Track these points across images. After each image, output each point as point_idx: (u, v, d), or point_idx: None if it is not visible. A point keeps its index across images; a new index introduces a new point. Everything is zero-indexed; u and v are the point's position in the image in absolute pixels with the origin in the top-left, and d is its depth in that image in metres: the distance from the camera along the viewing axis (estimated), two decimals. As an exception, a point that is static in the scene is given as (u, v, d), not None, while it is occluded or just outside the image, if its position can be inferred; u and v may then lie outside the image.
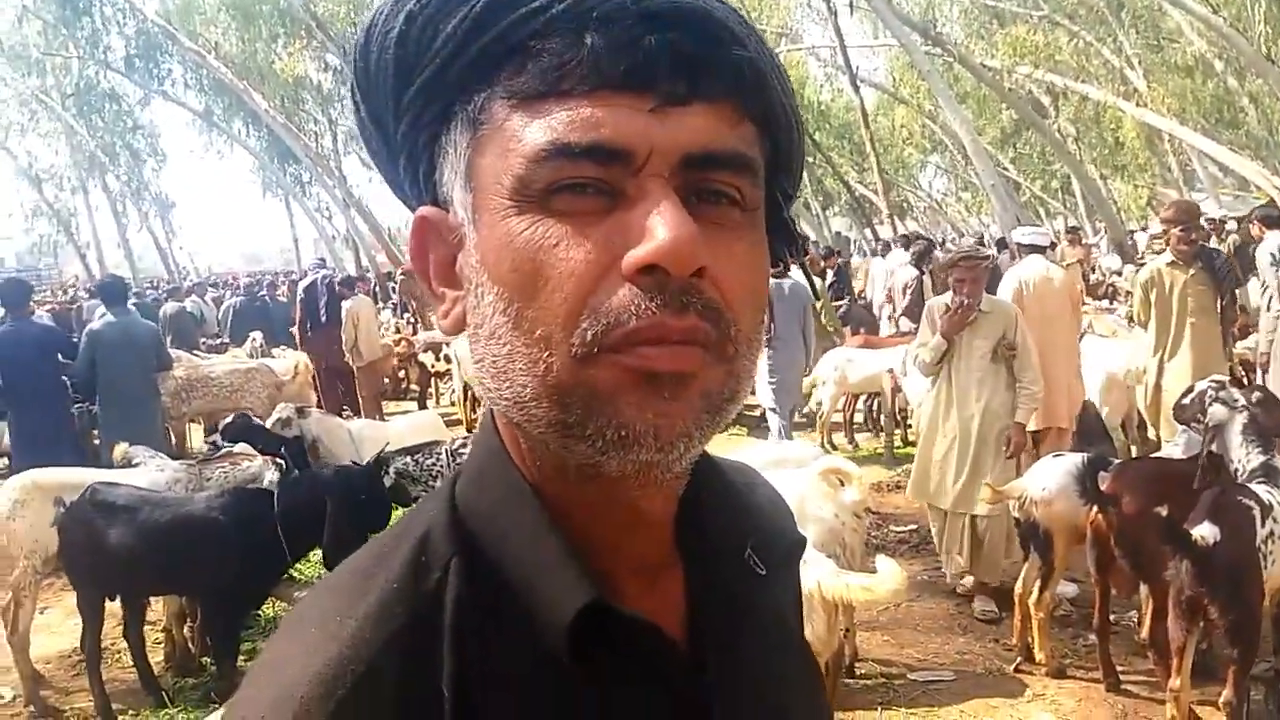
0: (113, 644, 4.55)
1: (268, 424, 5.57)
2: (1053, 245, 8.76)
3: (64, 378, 6.70)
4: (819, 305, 9.16)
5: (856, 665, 4.06)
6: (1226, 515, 3.19)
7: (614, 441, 0.50)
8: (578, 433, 0.51)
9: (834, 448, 7.85)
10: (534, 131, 0.51)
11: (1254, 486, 3.37)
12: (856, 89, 16.61)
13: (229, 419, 5.39)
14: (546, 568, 0.54)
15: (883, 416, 8.03)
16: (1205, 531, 3.12)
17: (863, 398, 8.55)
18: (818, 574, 3.03)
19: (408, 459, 5.27)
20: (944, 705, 3.83)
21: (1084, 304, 9.30)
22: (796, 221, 0.63)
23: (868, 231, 18.49)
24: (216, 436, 5.28)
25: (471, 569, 0.55)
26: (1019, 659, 4.11)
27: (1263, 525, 3.22)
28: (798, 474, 3.64)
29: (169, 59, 26.32)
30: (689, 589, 0.61)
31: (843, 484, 3.59)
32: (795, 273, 7.54)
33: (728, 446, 7.33)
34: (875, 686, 4.00)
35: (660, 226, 0.49)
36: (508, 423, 0.57)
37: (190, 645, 4.59)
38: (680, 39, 0.51)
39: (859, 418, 8.85)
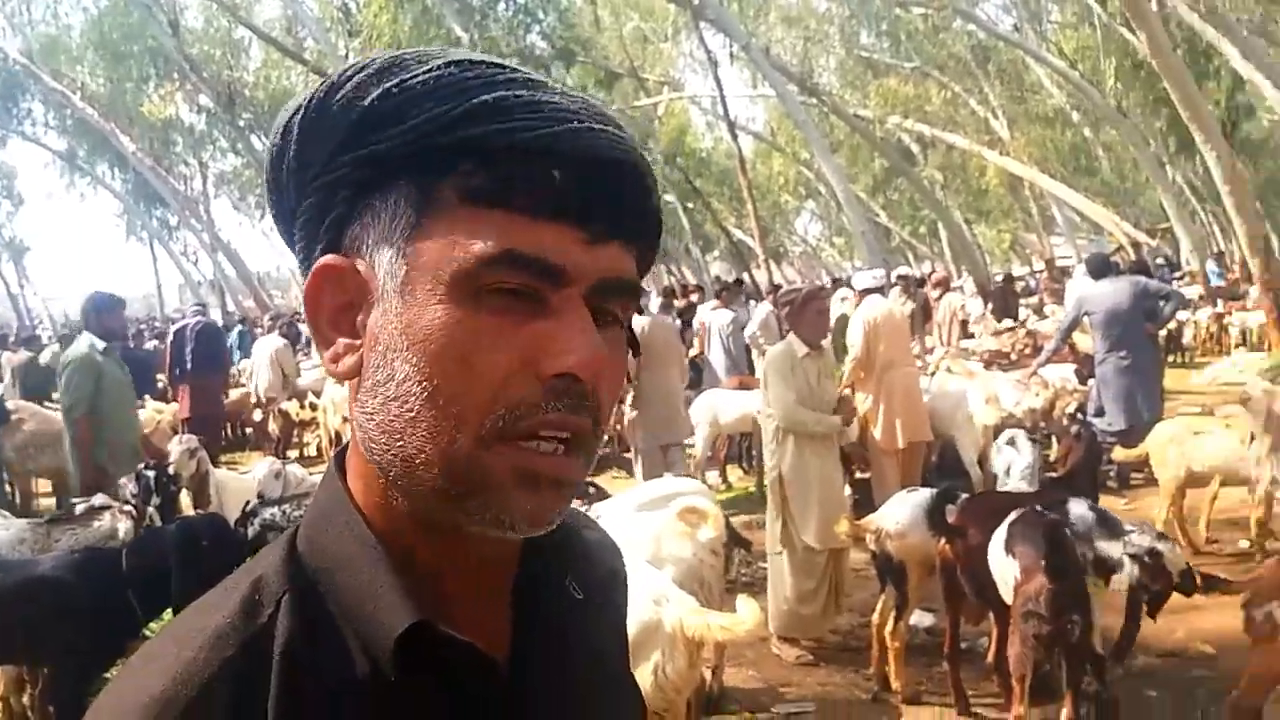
0: (-57, 718, 4.26)
1: (173, 455, 5.58)
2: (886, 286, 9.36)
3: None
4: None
5: (722, 701, 4.12)
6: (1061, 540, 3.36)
7: (491, 521, 0.58)
8: (458, 504, 0.58)
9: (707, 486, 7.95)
10: (488, 236, 0.57)
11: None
12: (735, 137, 17.10)
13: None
14: (376, 595, 0.59)
15: (754, 454, 8.17)
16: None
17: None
18: (679, 612, 3.01)
19: (275, 510, 5.12)
20: (806, 737, 3.90)
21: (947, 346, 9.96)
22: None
23: (745, 275, 18.91)
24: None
25: (303, 603, 0.60)
26: (876, 688, 4.24)
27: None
28: (655, 514, 3.67)
29: (29, 98, 25.22)
30: (514, 614, 0.67)
31: (701, 522, 3.63)
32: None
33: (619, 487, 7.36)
34: (740, 722, 4.05)
35: (583, 344, 0.58)
36: (367, 471, 0.62)
37: (29, 715, 4.32)
38: (618, 190, 0.60)
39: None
